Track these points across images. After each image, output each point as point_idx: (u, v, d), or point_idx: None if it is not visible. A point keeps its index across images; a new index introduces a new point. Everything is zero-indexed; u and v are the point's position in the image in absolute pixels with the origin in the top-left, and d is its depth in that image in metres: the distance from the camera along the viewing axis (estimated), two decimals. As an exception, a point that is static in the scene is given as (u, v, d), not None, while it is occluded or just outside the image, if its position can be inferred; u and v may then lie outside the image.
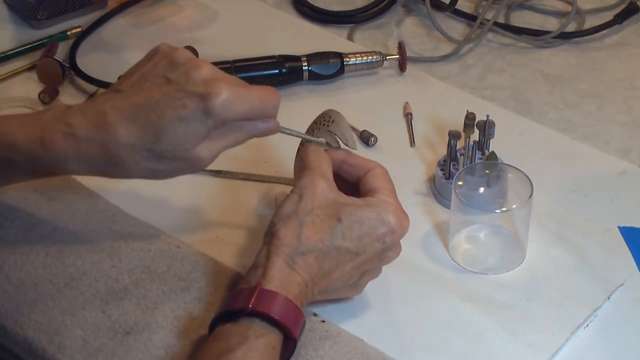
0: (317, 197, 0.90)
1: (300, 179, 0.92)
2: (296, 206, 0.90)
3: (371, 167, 0.94)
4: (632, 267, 1.00)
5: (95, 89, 1.22)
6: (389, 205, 0.91)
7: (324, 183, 0.91)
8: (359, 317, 0.96)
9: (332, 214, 0.90)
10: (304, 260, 0.88)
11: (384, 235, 0.91)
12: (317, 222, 0.89)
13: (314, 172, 0.92)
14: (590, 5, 1.37)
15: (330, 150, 0.96)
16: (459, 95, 1.22)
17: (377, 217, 0.90)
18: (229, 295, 0.87)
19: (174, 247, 1.00)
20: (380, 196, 0.92)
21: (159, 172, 0.92)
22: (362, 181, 0.94)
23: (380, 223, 0.90)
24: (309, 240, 0.88)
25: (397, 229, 0.91)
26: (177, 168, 0.92)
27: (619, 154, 1.14)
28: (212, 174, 1.11)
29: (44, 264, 0.98)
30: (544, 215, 1.05)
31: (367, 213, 0.90)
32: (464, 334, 0.95)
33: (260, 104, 0.91)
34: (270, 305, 0.84)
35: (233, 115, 0.90)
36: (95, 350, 0.91)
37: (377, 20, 1.36)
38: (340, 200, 0.91)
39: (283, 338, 0.85)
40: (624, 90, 1.24)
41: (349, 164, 0.95)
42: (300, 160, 0.95)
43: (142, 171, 0.92)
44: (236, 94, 0.90)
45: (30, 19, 1.33)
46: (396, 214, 0.91)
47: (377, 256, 0.92)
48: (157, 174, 0.93)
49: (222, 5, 1.37)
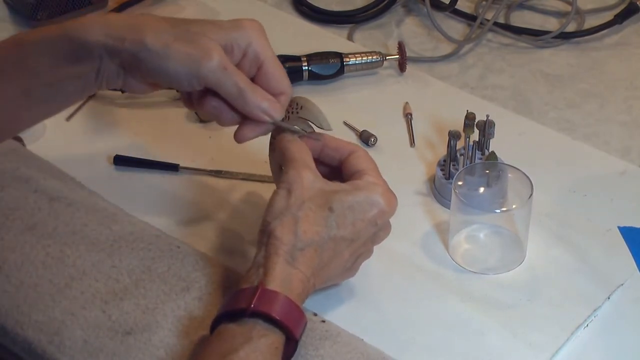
0: (305, 190, 0.90)
1: (285, 172, 0.92)
2: (287, 202, 0.90)
3: (353, 150, 0.95)
4: (632, 267, 1.00)
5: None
6: (377, 186, 0.92)
7: (310, 174, 0.91)
8: (359, 317, 0.96)
9: (323, 204, 0.90)
10: (304, 256, 0.88)
11: (376, 218, 0.92)
12: (310, 215, 0.89)
13: (297, 164, 0.92)
14: (590, 5, 1.37)
15: (308, 137, 0.95)
16: (459, 95, 1.22)
17: (367, 200, 0.91)
18: (230, 295, 0.87)
19: (174, 247, 1.00)
20: (367, 177, 0.92)
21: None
22: (346, 164, 0.94)
23: (370, 206, 0.91)
24: (305, 235, 0.88)
25: (387, 209, 0.92)
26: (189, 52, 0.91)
27: (619, 153, 1.14)
28: (212, 174, 1.11)
29: (44, 264, 0.98)
30: (544, 215, 1.05)
31: (357, 197, 0.91)
32: (464, 333, 0.95)
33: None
34: (272, 306, 0.84)
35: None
36: (95, 350, 0.91)
37: (377, 20, 1.36)
38: (329, 189, 0.91)
39: (285, 338, 0.85)
40: (624, 90, 1.24)
41: (330, 148, 0.95)
42: (280, 153, 0.94)
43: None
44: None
45: (30, 19, 1.33)
46: (385, 195, 0.92)
47: (370, 239, 0.93)
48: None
49: (222, 5, 1.37)
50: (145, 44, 0.91)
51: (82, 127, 1.15)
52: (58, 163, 1.10)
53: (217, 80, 0.91)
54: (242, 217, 1.06)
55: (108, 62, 0.95)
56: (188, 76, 0.91)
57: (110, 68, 0.95)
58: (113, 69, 0.95)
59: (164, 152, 1.13)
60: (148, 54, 0.91)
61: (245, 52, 0.94)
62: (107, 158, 1.13)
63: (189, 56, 0.90)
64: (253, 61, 0.94)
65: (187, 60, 0.90)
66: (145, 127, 1.17)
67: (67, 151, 1.11)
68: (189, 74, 0.90)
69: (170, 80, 0.92)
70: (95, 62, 0.95)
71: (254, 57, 0.94)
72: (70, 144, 1.14)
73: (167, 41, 0.91)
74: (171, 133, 1.16)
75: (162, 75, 0.92)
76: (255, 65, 0.94)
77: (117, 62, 0.93)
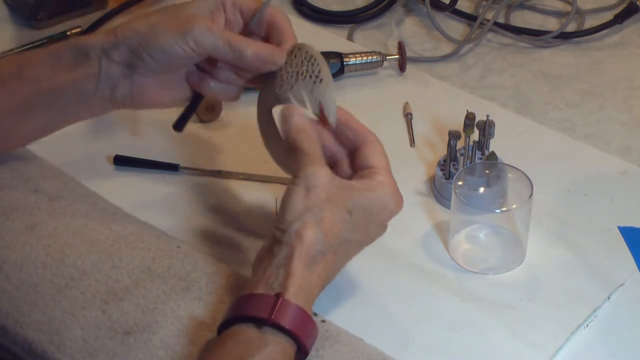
0: (325, 188, 0.89)
1: (300, 167, 0.91)
2: (306, 201, 0.89)
3: (370, 139, 0.95)
4: (632, 267, 1.00)
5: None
6: (389, 188, 0.92)
7: (327, 171, 0.91)
8: (359, 317, 0.96)
9: (341, 205, 0.89)
10: (325, 260, 0.88)
11: (385, 219, 0.93)
12: (329, 217, 0.89)
13: (313, 159, 0.91)
14: (590, 5, 1.37)
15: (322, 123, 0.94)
16: (459, 95, 1.22)
17: (380, 203, 0.91)
18: (247, 296, 0.86)
19: (174, 247, 1.00)
20: (379, 177, 0.92)
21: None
22: (360, 153, 0.94)
23: (382, 208, 0.92)
24: (327, 238, 0.88)
25: (395, 211, 0.93)
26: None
27: (619, 153, 1.14)
28: (212, 174, 1.11)
29: (44, 264, 0.98)
30: (544, 215, 1.05)
31: (371, 200, 0.91)
32: (464, 333, 0.95)
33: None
34: (291, 320, 0.84)
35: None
36: (95, 350, 0.91)
37: (377, 20, 1.36)
38: (344, 187, 0.91)
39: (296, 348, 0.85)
40: (625, 90, 1.24)
41: (349, 128, 0.95)
42: (290, 141, 0.93)
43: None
44: None
45: (30, 19, 1.33)
46: (395, 196, 0.92)
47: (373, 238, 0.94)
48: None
49: (222, 5, 1.36)
50: (135, 30, 0.97)
51: (82, 127, 1.15)
52: (58, 163, 1.10)
53: (207, 43, 0.96)
54: (242, 217, 1.06)
55: (109, 63, 0.97)
56: (180, 46, 0.95)
57: (113, 69, 0.97)
58: (116, 70, 0.97)
59: (164, 152, 1.13)
60: (140, 38, 0.97)
61: (240, 9, 1.00)
62: (107, 158, 1.13)
63: (175, 27, 0.96)
64: (247, 14, 1.00)
65: (174, 31, 0.95)
66: (145, 127, 1.17)
67: (67, 151, 1.11)
68: (180, 43, 0.95)
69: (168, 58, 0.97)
70: (94, 66, 0.97)
71: (247, 10, 0.99)
72: (70, 144, 1.14)
73: (154, 22, 0.97)
74: (171, 133, 1.16)
75: (158, 54, 0.96)
76: (253, 17, 0.99)
77: (117, 59, 0.96)
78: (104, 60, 0.98)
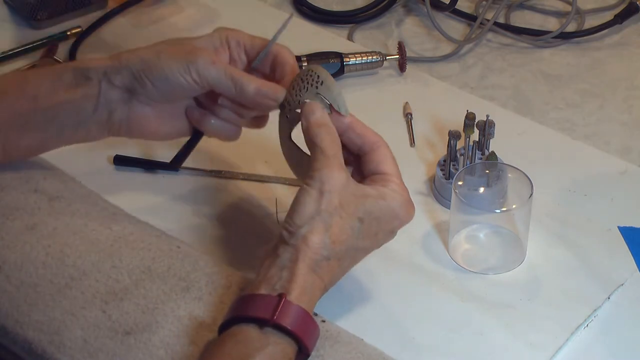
0: (338, 194, 0.89)
1: (316, 167, 0.89)
2: (318, 205, 0.88)
3: (378, 143, 0.93)
4: (632, 267, 1.00)
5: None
6: (400, 196, 0.91)
7: (343, 175, 0.89)
8: (359, 317, 0.96)
9: (353, 212, 0.89)
10: (329, 265, 0.88)
11: (395, 228, 0.92)
12: (339, 224, 0.88)
13: (331, 161, 0.90)
14: (590, 5, 1.37)
15: (334, 115, 0.94)
16: (459, 95, 1.22)
17: (392, 212, 0.91)
18: (248, 296, 0.86)
19: (174, 247, 1.00)
20: (391, 185, 0.91)
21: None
22: (369, 158, 0.93)
23: (393, 217, 0.91)
24: (334, 245, 0.88)
25: (406, 220, 0.93)
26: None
27: (619, 153, 1.14)
28: (212, 174, 1.11)
29: (44, 264, 0.98)
30: (544, 215, 1.05)
31: (383, 209, 0.90)
32: (464, 333, 0.95)
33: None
34: (293, 321, 0.84)
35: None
36: (95, 350, 0.91)
37: (377, 20, 1.36)
38: (358, 193, 0.90)
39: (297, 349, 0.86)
40: (625, 89, 1.24)
41: (355, 133, 0.94)
42: (310, 136, 0.92)
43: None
44: None
45: (30, 19, 1.33)
46: (406, 205, 0.92)
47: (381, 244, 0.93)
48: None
49: (222, 5, 1.37)
50: (140, 56, 0.98)
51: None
52: (58, 163, 1.10)
53: (210, 76, 0.96)
54: (242, 217, 1.06)
55: (109, 87, 0.98)
56: (182, 75, 0.96)
57: (112, 93, 0.98)
58: (116, 94, 0.98)
59: (164, 152, 1.13)
60: (144, 64, 0.97)
61: (245, 49, 1.00)
62: (107, 158, 1.13)
63: (179, 57, 0.96)
64: (251, 53, 1.00)
65: (177, 60, 0.96)
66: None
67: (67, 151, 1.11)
68: (183, 73, 0.96)
69: (169, 87, 0.97)
70: (94, 88, 0.98)
71: (250, 49, 1.00)
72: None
73: (159, 50, 0.97)
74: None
75: (160, 81, 0.97)
76: (257, 56, 1.00)
77: (118, 83, 0.97)
78: (104, 83, 0.98)
